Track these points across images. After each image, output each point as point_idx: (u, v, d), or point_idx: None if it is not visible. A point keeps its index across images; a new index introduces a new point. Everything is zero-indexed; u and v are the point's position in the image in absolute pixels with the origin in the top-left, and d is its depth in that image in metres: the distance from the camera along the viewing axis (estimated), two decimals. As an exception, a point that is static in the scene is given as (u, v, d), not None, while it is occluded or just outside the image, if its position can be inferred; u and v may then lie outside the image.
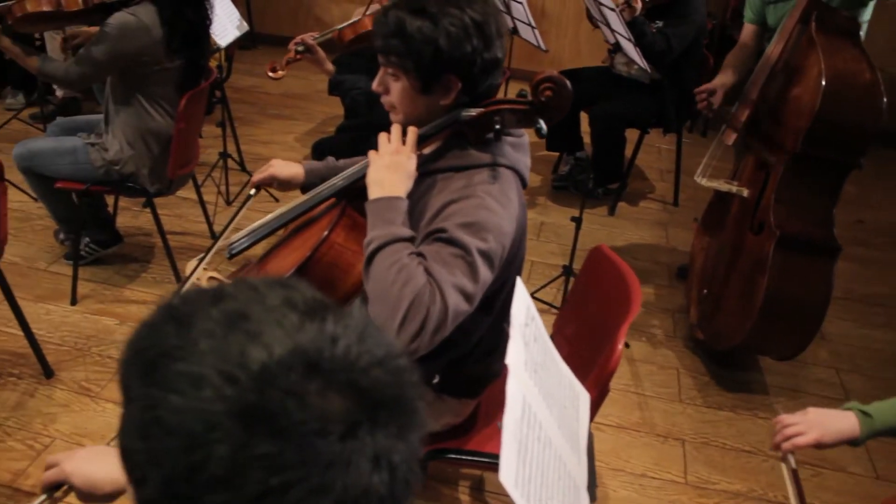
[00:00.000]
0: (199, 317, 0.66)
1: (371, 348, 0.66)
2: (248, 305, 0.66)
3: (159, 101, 2.97)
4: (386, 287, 1.45)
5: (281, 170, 1.99)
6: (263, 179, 2.00)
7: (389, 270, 1.45)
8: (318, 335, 0.65)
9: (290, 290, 0.69)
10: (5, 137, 4.69)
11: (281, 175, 1.99)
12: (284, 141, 4.83)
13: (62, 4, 2.85)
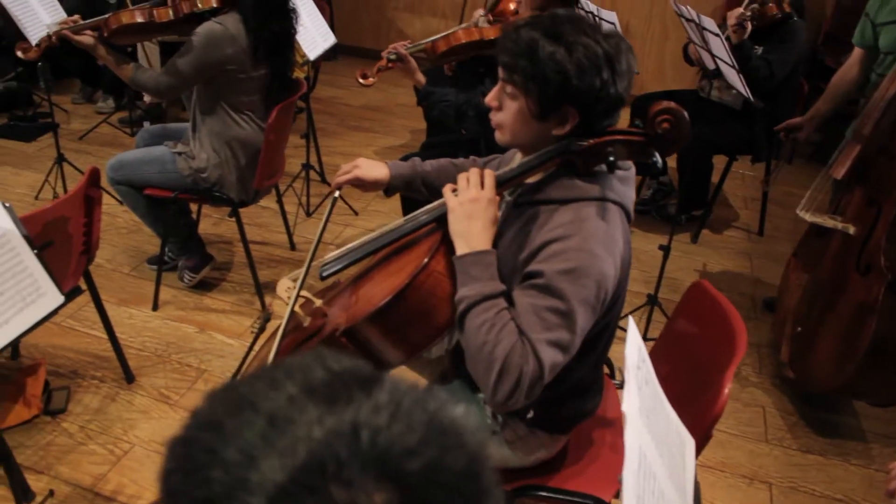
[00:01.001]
0: (217, 443, 0.58)
1: (404, 433, 0.56)
2: (264, 406, 0.59)
3: (245, 110, 2.99)
4: (478, 347, 1.42)
5: (367, 171, 1.94)
6: (349, 181, 1.96)
7: (480, 330, 1.42)
8: (338, 427, 0.56)
9: (310, 371, 0.61)
10: (95, 140, 4.81)
11: (367, 177, 1.95)
12: (364, 153, 4.83)
13: (154, 16, 2.89)
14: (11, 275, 1.79)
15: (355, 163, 1.96)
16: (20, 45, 3.04)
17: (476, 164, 2.09)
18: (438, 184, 2.04)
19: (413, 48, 3.02)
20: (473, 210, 1.52)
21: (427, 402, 0.60)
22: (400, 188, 2.03)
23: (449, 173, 2.05)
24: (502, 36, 1.60)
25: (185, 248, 3.29)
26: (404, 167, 2.01)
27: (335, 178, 1.96)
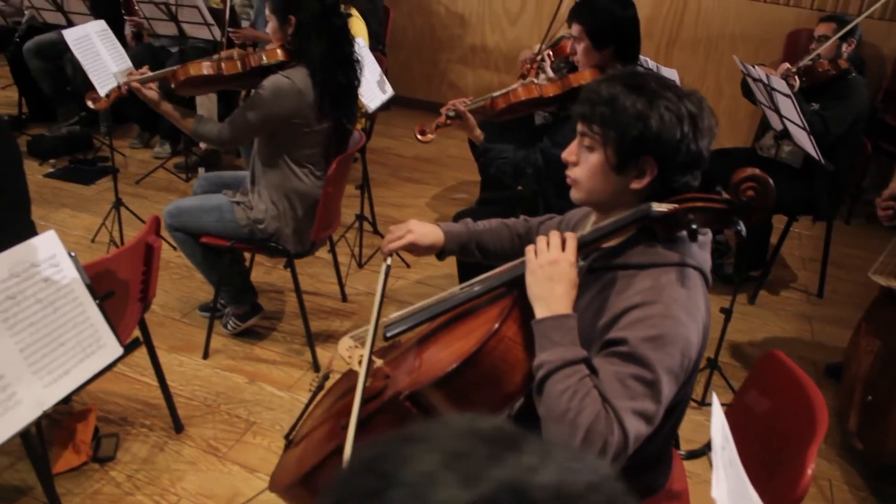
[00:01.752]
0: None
1: (577, 474, 0.57)
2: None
3: (305, 162, 2.99)
4: (559, 415, 1.36)
5: (421, 237, 1.91)
6: (402, 247, 1.93)
7: (562, 398, 1.36)
8: (517, 467, 0.56)
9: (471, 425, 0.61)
10: (151, 185, 4.86)
11: (421, 242, 1.91)
12: (416, 205, 4.82)
13: (222, 68, 2.92)
14: (73, 325, 1.78)
15: (408, 226, 1.92)
16: (90, 94, 3.09)
17: (529, 223, 2.05)
18: (492, 247, 2.00)
19: (472, 105, 3.01)
20: (554, 273, 1.48)
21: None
22: (454, 252, 1.99)
23: (502, 235, 2.02)
24: (584, 91, 1.58)
25: (237, 297, 3.28)
26: (458, 230, 1.98)
27: (387, 244, 1.92)
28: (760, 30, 5.50)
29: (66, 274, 1.80)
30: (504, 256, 2.00)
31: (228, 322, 3.34)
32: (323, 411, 1.96)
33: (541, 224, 1.99)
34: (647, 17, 3.21)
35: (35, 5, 4.70)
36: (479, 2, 6.21)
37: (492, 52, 6.30)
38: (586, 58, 2.91)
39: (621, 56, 2.89)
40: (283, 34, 2.91)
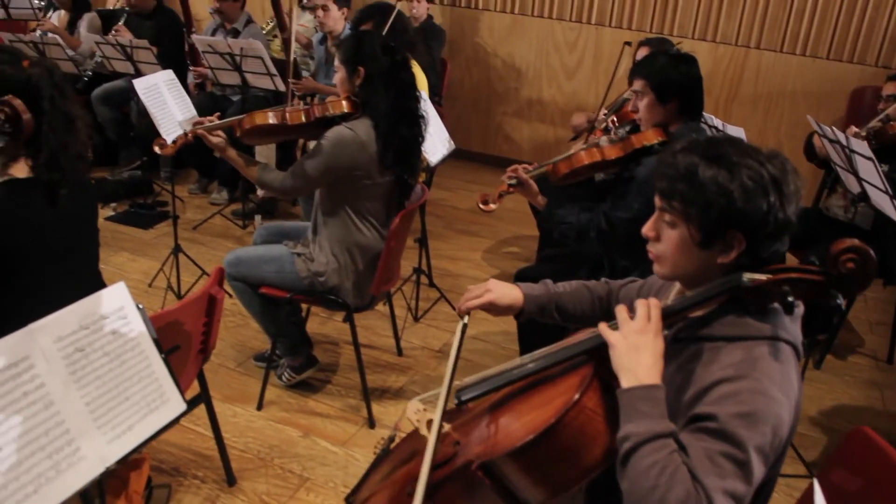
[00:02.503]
0: None
1: None
2: None
3: (367, 215, 2.97)
4: (647, 490, 1.29)
5: (500, 297, 1.87)
6: (480, 306, 1.88)
7: (649, 473, 1.29)
8: None
9: None
10: (208, 231, 4.90)
11: (500, 303, 1.88)
12: (471, 258, 4.78)
13: (287, 118, 2.93)
14: (139, 379, 1.75)
15: (487, 286, 1.89)
16: (158, 141, 3.13)
17: (610, 286, 1.99)
18: (572, 309, 1.95)
19: (534, 172, 2.98)
20: (641, 342, 1.41)
21: None
22: (533, 313, 1.94)
23: (583, 298, 1.96)
24: (658, 163, 1.53)
25: (293, 348, 3.25)
26: (537, 291, 1.93)
27: (464, 303, 1.88)
28: (823, 86, 5.41)
29: (134, 327, 1.78)
30: (584, 319, 1.94)
31: (283, 373, 3.31)
32: (386, 475, 1.90)
33: (622, 287, 1.93)
34: (706, 73, 3.15)
35: (106, 54, 4.80)
36: (536, 55, 6.22)
37: (548, 106, 6.29)
38: (650, 114, 2.86)
39: (685, 112, 2.84)
40: (350, 85, 2.92)
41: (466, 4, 6.39)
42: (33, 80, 2.11)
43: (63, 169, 2.13)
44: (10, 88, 2.09)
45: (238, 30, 5.26)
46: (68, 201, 2.18)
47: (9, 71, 2.10)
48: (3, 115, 2.03)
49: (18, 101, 2.03)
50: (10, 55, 2.15)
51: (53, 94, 2.12)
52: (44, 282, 2.21)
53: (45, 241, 2.16)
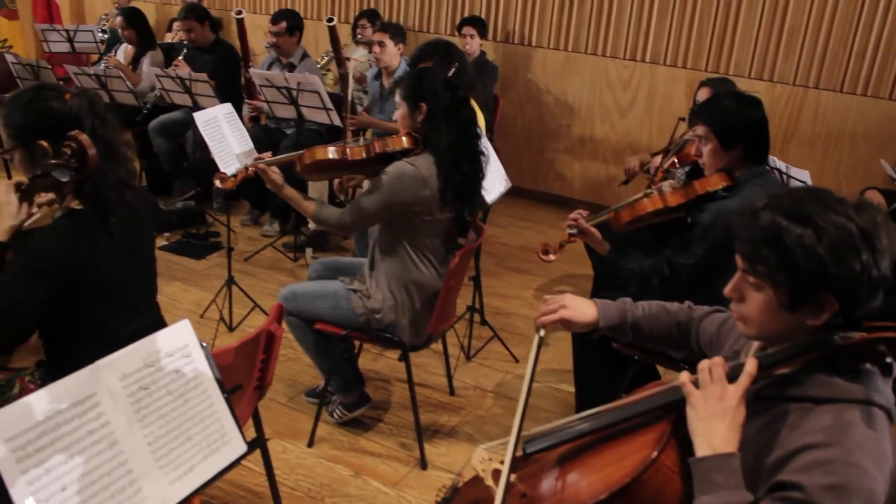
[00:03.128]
0: None
1: None
2: None
3: (426, 251, 2.94)
4: None
5: (575, 313, 1.83)
6: (555, 322, 1.83)
7: None
8: None
9: None
10: (259, 262, 4.91)
11: (575, 319, 1.83)
12: (523, 296, 4.72)
13: (347, 154, 2.92)
14: (200, 419, 1.72)
15: (562, 301, 1.84)
16: (218, 175, 3.14)
17: (691, 314, 1.91)
18: (647, 330, 1.88)
19: (596, 220, 2.93)
20: (721, 409, 1.35)
21: None
22: (607, 331, 1.89)
23: (660, 321, 1.89)
24: (738, 222, 1.46)
25: (346, 385, 3.21)
26: (613, 309, 1.88)
27: (540, 317, 1.84)
28: (884, 127, 5.28)
29: (197, 366, 1.75)
30: (660, 342, 1.89)
31: (335, 410, 3.27)
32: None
33: (704, 317, 1.86)
34: (765, 114, 3.17)
35: (165, 87, 4.88)
36: (589, 93, 6.19)
37: (600, 144, 6.24)
38: (714, 160, 2.80)
39: (751, 157, 2.77)
40: (411, 121, 2.91)
41: (519, 41, 6.40)
42: (74, 110, 2.12)
43: (107, 196, 2.14)
44: (58, 123, 2.09)
45: (294, 64, 5.31)
46: (121, 230, 2.18)
47: (53, 107, 2.12)
48: (69, 151, 2.03)
49: (84, 137, 2.04)
50: (55, 91, 2.18)
51: (94, 123, 2.13)
52: (102, 312, 2.20)
53: (106, 269, 2.16)
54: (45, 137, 2.07)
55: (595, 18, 6.02)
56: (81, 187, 2.09)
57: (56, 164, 2.01)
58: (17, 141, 2.13)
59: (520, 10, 6.33)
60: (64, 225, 2.10)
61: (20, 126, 2.12)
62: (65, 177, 2.01)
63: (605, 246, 2.92)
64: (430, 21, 6.74)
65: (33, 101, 2.11)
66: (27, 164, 2.14)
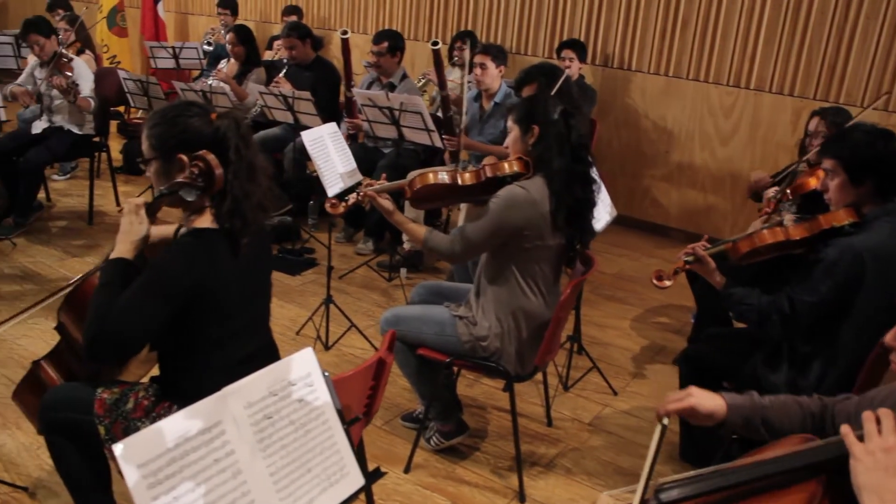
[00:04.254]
0: None
1: None
2: None
3: (535, 279, 2.87)
4: None
5: (702, 403, 1.77)
6: (680, 410, 1.76)
7: None
8: None
9: None
10: (352, 281, 4.92)
11: (702, 409, 1.76)
12: (619, 326, 4.60)
13: (458, 179, 2.88)
14: (321, 450, 1.69)
15: (689, 391, 1.79)
16: (329, 201, 3.13)
17: (823, 402, 1.81)
18: (778, 424, 1.80)
19: (713, 249, 2.83)
20: (891, 462, 1.25)
21: None
22: (736, 424, 1.81)
23: (792, 413, 1.81)
24: None
25: (445, 412, 3.16)
26: (741, 402, 1.81)
27: (665, 405, 1.79)
28: None
29: (320, 395, 1.72)
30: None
31: (432, 437, 3.22)
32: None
33: (838, 402, 1.77)
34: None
35: (268, 104, 4.95)
36: (689, 118, 6.04)
37: (699, 172, 6.08)
38: (841, 195, 2.67)
39: (880, 193, 2.64)
40: (523, 144, 2.86)
41: (619, 65, 6.30)
42: (221, 131, 2.13)
43: (245, 218, 2.13)
44: (201, 141, 2.11)
45: (394, 84, 5.33)
46: (248, 250, 2.18)
47: (198, 124, 2.14)
48: (196, 170, 2.04)
49: (212, 157, 2.05)
50: (200, 109, 2.19)
51: (239, 145, 2.14)
52: (219, 332, 2.20)
53: (228, 290, 2.15)
54: (185, 153, 2.09)
55: (698, 43, 5.89)
56: (221, 207, 2.10)
57: (183, 183, 2.03)
58: (159, 152, 2.15)
59: (620, 33, 6.24)
60: (190, 244, 2.10)
61: (164, 138, 2.13)
62: (191, 196, 2.02)
63: (718, 277, 2.81)
64: (527, 43, 6.71)
65: (181, 116, 2.14)
66: (162, 176, 2.16)
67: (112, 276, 2.10)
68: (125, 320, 2.01)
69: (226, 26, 7.62)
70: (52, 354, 2.56)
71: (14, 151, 5.33)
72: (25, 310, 2.44)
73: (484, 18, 6.89)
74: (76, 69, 5.29)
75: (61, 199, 6.25)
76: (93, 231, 5.62)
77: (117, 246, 2.16)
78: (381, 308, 4.58)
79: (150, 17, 8.61)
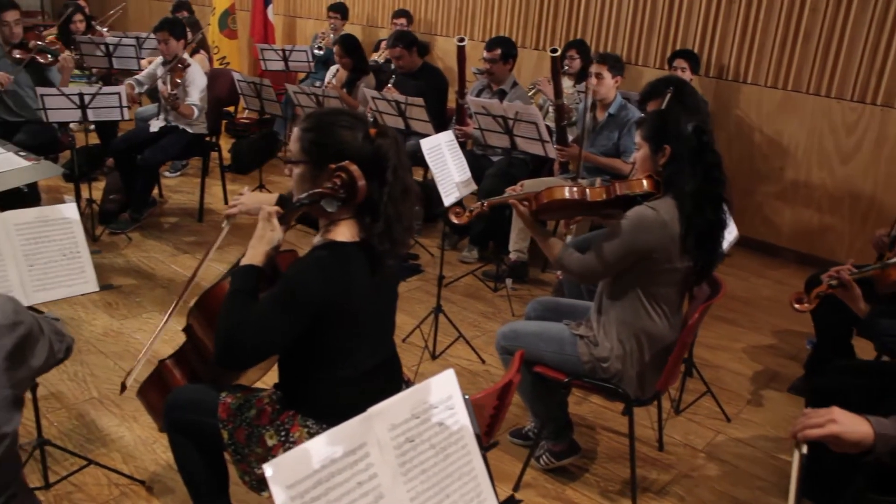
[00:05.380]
0: None
1: None
2: None
3: (659, 301, 2.77)
4: None
5: (847, 430, 1.63)
6: (821, 437, 1.64)
7: None
8: None
9: None
10: (457, 289, 4.88)
11: (847, 437, 1.63)
12: (731, 348, 4.45)
13: (586, 194, 2.81)
14: (459, 475, 1.65)
15: (830, 414, 1.65)
16: (453, 210, 3.10)
17: None
18: None
19: (859, 274, 2.69)
20: None
21: None
22: (884, 456, 1.68)
23: None
24: None
25: (558, 432, 3.09)
26: (891, 430, 1.67)
27: (804, 431, 1.66)
28: None
29: (459, 419, 1.68)
30: None
31: (542, 456, 3.15)
32: None
33: None
34: None
35: (379, 109, 4.96)
36: (807, 135, 5.81)
37: (815, 190, 5.84)
38: None
39: None
40: (653, 163, 2.77)
41: (734, 77, 6.11)
42: (382, 149, 2.09)
43: (395, 240, 2.11)
44: (357, 155, 2.07)
45: (505, 91, 5.29)
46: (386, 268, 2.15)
47: (356, 138, 2.10)
48: (339, 181, 2.02)
49: (355, 168, 2.02)
50: (357, 120, 2.14)
51: (397, 165, 2.10)
52: (347, 345, 2.18)
53: (361, 305, 2.13)
54: (336, 163, 2.04)
55: (821, 56, 5.65)
56: (373, 228, 2.07)
57: (324, 193, 2.01)
58: (309, 157, 2.11)
59: (736, 44, 6.05)
60: (326, 258, 2.07)
61: (320, 145, 2.09)
62: (332, 207, 2.00)
63: (863, 305, 2.67)
64: (639, 53, 6.57)
65: (339, 126, 2.09)
66: (306, 182, 2.12)
67: (243, 283, 2.11)
68: (258, 331, 2.01)
69: (335, 30, 7.72)
70: (177, 355, 2.60)
71: (133, 149, 5.49)
72: (168, 316, 2.51)
73: (594, 26, 6.78)
74: (188, 75, 5.41)
75: (172, 195, 6.43)
76: (202, 228, 5.76)
77: (249, 252, 2.16)
78: (487, 318, 4.54)
79: (259, 20, 8.79)
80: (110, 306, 4.40)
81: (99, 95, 4.83)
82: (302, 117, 2.20)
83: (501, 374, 3.81)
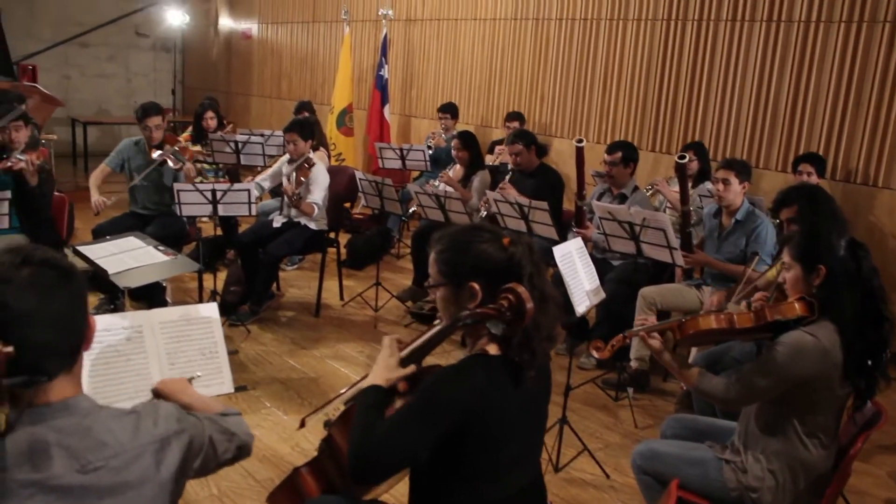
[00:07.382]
0: None
1: None
2: None
3: (817, 431, 2.61)
4: None
5: None
6: None
7: None
8: None
9: None
10: (576, 397, 4.72)
11: None
12: (874, 473, 4.14)
13: (734, 322, 2.70)
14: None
15: None
16: (594, 344, 3.02)
17: None
18: None
19: None
20: None
21: None
22: None
23: None
24: None
25: None
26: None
27: None
28: None
29: None
30: None
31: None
32: None
33: None
34: None
35: (500, 211, 4.97)
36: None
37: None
38: None
39: None
40: (806, 285, 2.65)
41: (863, 181, 5.91)
42: (516, 258, 2.06)
43: (534, 351, 2.05)
44: (494, 269, 2.05)
45: (626, 195, 5.23)
46: (531, 382, 2.08)
47: (491, 250, 2.08)
48: (506, 303, 1.97)
49: (523, 290, 1.97)
50: (491, 234, 2.13)
51: (532, 273, 2.06)
52: (486, 463, 2.10)
53: (503, 420, 2.06)
54: (478, 281, 2.03)
55: (959, 161, 5.42)
56: (510, 338, 2.02)
57: (490, 315, 1.97)
58: (449, 279, 2.09)
59: (865, 146, 5.86)
60: (470, 367, 2.02)
61: (456, 264, 2.08)
62: (498, 329, 1.96)
63: None
64: (759, 156, 6.44)
65: (474, 242, 2.08)
66: (451, 304, 2.09)
67: (374, 399, 2.09)
68: (391, 442, 1.96)
69: (446, 129, 7.88)
70: (313, 463, 2.57)
71: (257, 243, 5.65)
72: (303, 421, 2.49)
73: (713, 129, 6.71)
74: (312, 174, 5.58)
75: (289, 289, 6.55)
76: (319, 323, 5.82)
77: (370, 377, 2.16)
78: (608, 430, 4.38)
79: (376, 119, 9.08)
80: (229, 400, 4.43)
81: (230, 192, 5.01)
82: (435, 238, 2.19)
83: (628, 492, 3.65)
